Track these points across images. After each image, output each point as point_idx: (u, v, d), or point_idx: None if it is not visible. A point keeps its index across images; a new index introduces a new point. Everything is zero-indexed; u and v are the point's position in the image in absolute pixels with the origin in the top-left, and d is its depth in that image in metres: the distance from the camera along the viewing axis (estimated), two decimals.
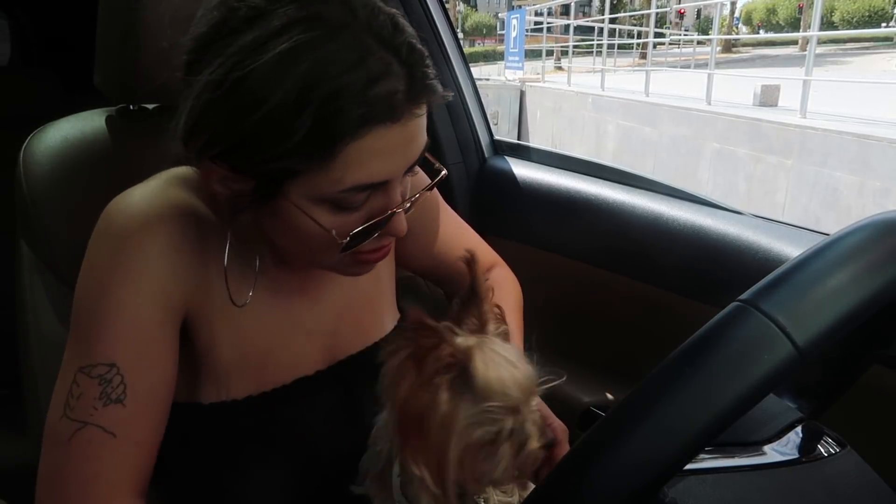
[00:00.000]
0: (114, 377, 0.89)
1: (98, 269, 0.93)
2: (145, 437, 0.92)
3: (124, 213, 0.94)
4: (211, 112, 0.82)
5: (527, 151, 1.96)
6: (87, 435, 0.88)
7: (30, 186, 1.16)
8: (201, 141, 0.84)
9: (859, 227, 0.69)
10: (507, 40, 17.93)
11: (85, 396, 0.88)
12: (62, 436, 0.89)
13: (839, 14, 31.13)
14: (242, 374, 1.01)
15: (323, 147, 0.80)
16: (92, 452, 0.88)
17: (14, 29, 3.11)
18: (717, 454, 0.82)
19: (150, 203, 0.95)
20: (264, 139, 0.80)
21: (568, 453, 0.63)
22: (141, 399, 0.90)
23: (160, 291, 0.92)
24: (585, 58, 21.89)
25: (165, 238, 0.93)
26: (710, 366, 0.60)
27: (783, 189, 7.99)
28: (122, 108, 1.28)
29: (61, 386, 0.91)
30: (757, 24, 47.41)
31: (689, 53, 24.39)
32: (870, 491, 0.82)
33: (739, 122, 8.79)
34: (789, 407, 0.94)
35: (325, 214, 0.87)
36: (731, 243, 1.40)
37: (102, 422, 0.88)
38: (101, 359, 0.89)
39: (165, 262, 0.93)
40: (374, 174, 0.85)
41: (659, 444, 0.58)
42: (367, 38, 0.80)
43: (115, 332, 0.90)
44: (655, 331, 1.48)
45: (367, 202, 0.88)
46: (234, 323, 1.00)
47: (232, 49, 0.79)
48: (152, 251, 0.92)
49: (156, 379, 0.92)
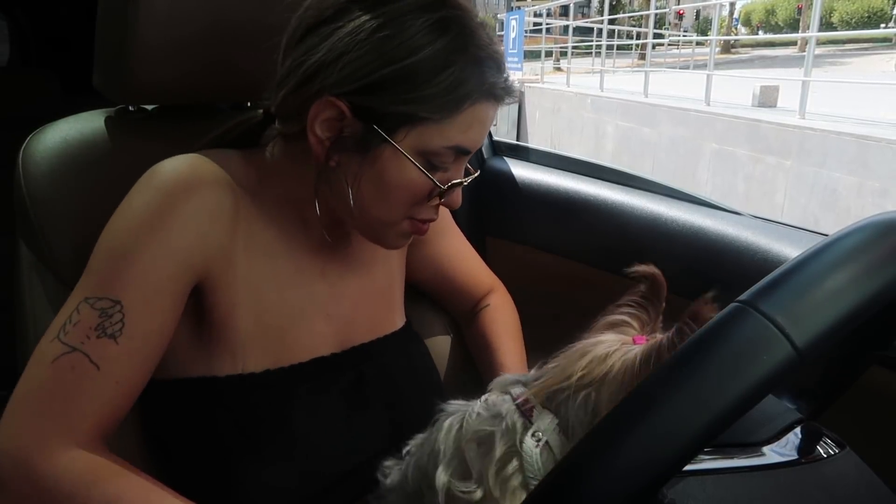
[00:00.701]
0: (115, 313, 0.91)
1: (132, 214, 0.97)
2: (126, 379, 0.93)
3: (174, 171, 0.99)
4: (357, 51, 0.93)
5: (526, 152, 1.96)
6: (73, 360, 0.90)
7: (29, 187, 1.15)
8: (335, 76, 0.94)
9: (858, 228, 0.69)
10: (505, 41, 17.90)
11: (82, 324, 0.91)
12: (48, 355, 0.90)
13: (838, 15, 31.14)
14: (260, 347, 1.04)
15: (452, 102, 0.95)
16: (72, 378, 0.89)
17: (13, 30, 3.12)
18: (716, 455, 0.82)
19: (197, 167, 1.01)
20: (407, 83, 0.93)
21: (567, 454, 0.63)
22: (134, 342, 0.92)
23: (184, 248, 0.96)
24: (584, 59, 21.91)
25: (203, 201, 0.98)
26: (708, 366, 0.60)
27: (782, 190, 7.99)
28: (121, 109, 1.28)
29: (62, 313, 0.93)
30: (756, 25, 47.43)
31: (688, 54, 24.44)
32: (869, 492, 0.82)
33: (738, 123, 8.79)
34: (788, 408, 0.94)
35: (410, 182, 0.99)
36: (729, 244, 1.40)
37: (91, 352, 0.90)
38: (108, 293, 0.92)
39: (197, 223, 0.97)
40: (471, 140, 1.00)
41: (658, 445, 0.58)
42: (486, 30, 0.99)
43: (130, 273, 0.93)
44: None
45: (450, 167, 1.01)
46: (255, 296, 1.04)
47: (384, 9, 0.93)
48: (188, 210, 0.97)
49: (154, 327, 0.95)
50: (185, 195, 0.97)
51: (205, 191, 0.99)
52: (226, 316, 1.02)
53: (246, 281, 1.03)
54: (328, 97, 0.96)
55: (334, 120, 0.97)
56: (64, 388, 0.89)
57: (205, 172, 1.01)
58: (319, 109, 0.97)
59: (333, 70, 0.94)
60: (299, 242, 1.11)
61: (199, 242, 0.98)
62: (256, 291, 1.04)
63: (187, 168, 1.00)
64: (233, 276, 1.02)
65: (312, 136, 0.99)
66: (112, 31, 1.16)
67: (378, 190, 1.00)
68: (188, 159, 1.02)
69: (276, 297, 1.07)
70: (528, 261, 1.75)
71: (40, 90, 2.79)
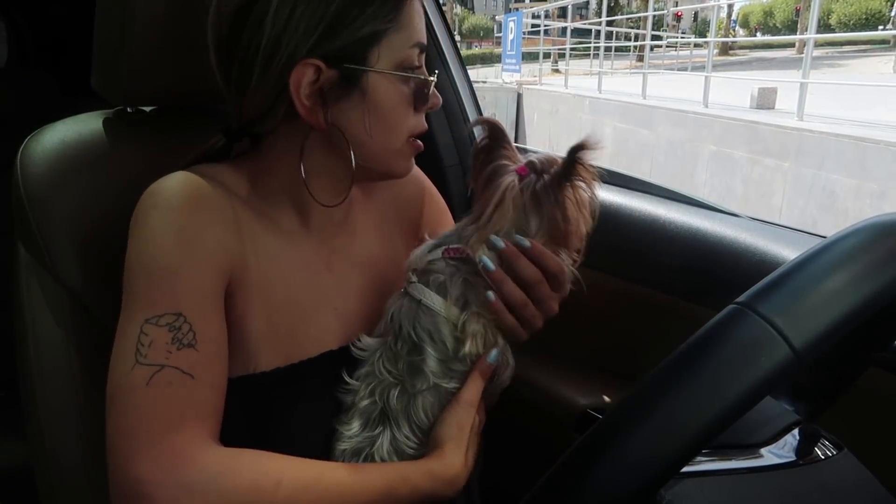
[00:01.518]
0: (182, 324, 0.92)
1: (161, 232, 0.96)
2: (218, 381, 0.96)
3: (178, 187, 1.00)
4: (303, 4, 0.97)
5: (524, 154, 1.96)
6: (167, 377, 0.89)
7: (27, 189, 1.15)
8: (297, 37, 0.98)
9: (856, 230, 0.70)
10: (504, 43, 17.92)
11: (157, 343, 0.90)
12: (138, 381, 0.88)
13: (836, 17, 31.18)
14: (271, 347, 1.05)
15: (396, 4, 1.01)
16: (174, 393, 0.89)
17: (11, 31, 3.11)
18: (714, 457, 0.82)
19: (191, 184, 1.01)
20: (356, 7, 0.98)
21: (565, 456, 0.63)
22: (209, 346, 0.94)
23: (216, 254, 0.98)
24: (582, 60, 21.94)
25: (213, 212, 1.00)
26: (707, 368, 0.60)
27: (780, 192, 8.00)
28: (120, 110, 1.28)
29: (125, 342, 0.91)
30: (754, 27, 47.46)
31: (686, 56, 24.44)
32: (867, 493, 0.82)
33: (736, 125, 8.80)
34: (786, 409, 0.95)
35: (400, 101, 1.05)
36: (727, 246, 1.40)
37: (180, 363, 0.90)
38: (167, 309, 0.92)
39: (215, 232, 0.99)
40: (421, 32, 1.07)
41: (656, 447, 0.58)
42: None
43: (177, 285, 0.94)
44: (652, 333, 1.48)
45: (418, 67, 1.07)
46: (266, 297, 1.05)
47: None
48: (205, 221, 0.99)
49: (217, 330, 0.97)
50: (197, 208, 0.99)
51: (210, 202, 1.01)
52: (241, 318, 1.03)
53: (258, 284, 1.05)
54: (303, 61, 0.99)
55: (314, 81, 1.00)
56: (171, 405, 0.89)
57: (201, 185, 1.02)
58: (299, 77, 0.99)
59: (293, 33, 0.97)
60: (302, 240, 1.12)
61: (221, 248, 0.99)
62: (266, 293, 1.06)
63: (187, 183, 1.01)
64: (248, 280, 1.03)
65: (303, 108, 1.01)
66: (110, 32, 1.16)
67: (379, 119, 1.05)
68: (183, 176, 1.03)
69: (284, 297, 1.08)
70: None
71: (38, 91, 2.79)
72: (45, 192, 1.16)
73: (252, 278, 1.04)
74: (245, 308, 1.03)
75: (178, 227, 0.97)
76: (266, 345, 1.04)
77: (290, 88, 0.99)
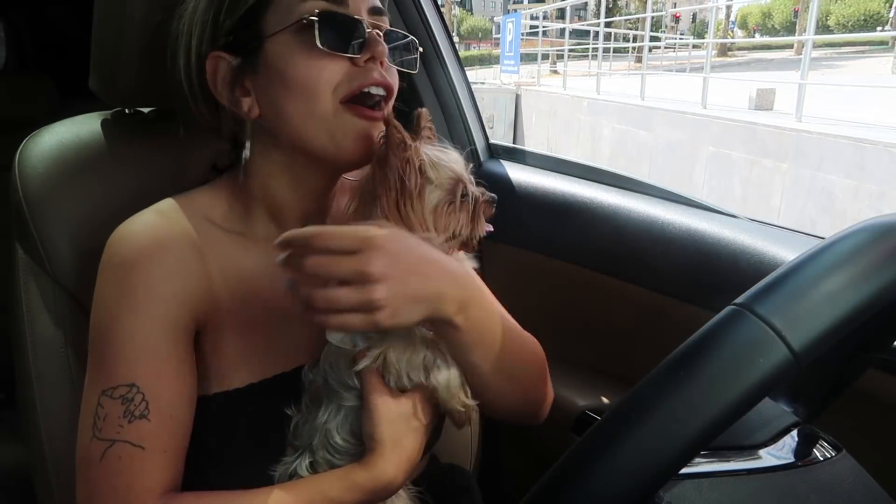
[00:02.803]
0: (135, 395, 0.94)
1: (107, 299, 0.99)
2: (172, 445, 0.98)
3: (127, 244, 1.01)
4: (198, 13, 1.02)
5: (522, 155, 1.96)
6: (118, 451, 0.93)
7: (25, 190, 1.15)
8: (195, 40, 1.02)
9: (854, 231, 0.70)
10: (502, 44, 17.92)
11: (110, 416, 0.94)
12: (94, 455, 0.94)
13: (834, 18, 31.21)
14: (245, 363, 1.06)
15: None
16: (124, 466, 0.93)
17: (9, 33, 3.11)
18: (713, 458, 0.82)
19: (149, 233, 1.02)
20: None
21: (564, 457, 0.63)
22: (163, 412, 0.95)
23: (167, 314, 0.98)
24: (581, 61, 21.98)
25: (166, 265, 1.00)
26: (705, 369, 0.60)
27: (779, 192, 8.00)
28: (118, 111, 1.28)
29: (86, 410, 0.96)
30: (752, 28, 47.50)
31: (684, 57, 24.47)
32: (865, 494, 0.82)
33: (735, 126, 8.80)
34: (785, 411, 0.94)
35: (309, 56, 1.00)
36: (726, 247, 1.40)
37: (130, 437, 0.94)
38: (120, 380, 0.95)
39: (169, 287, 0.99)
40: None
41: (654, 448, 0.58)
42: None
43: (130, 354, 0.96)
44: (651, 334, 1.48)
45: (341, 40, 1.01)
46: (239, 321, 1.06)
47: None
48: (155, 278, 0.98)
49: (174, 392, 0.98)
50: (147, 265, 0.99)
51: (165, 255, 1.00)
52: (213, 347, 1.04)
53: (230, 311, 1.05)
54: (210, 54, 1.02)
55: (226, 71, 1.03)
56: (121, 477, 0.93)
57: (160, 236, 1.02)
58: (211, 71, 1.03)
59: (193, 33, 1.02)
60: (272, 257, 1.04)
61: (178, 304, 0.99)
62: (240, 317, 1.06)
63: (143, 235, 1.01)
64: (219, 314, 1.04)
65: (227, 101, 1.04)
66: (108, 33, 1.16)
67: (290, 84, 1.01)
68: (143, 223, 1.03)
69: (257, 316, 1.08)
70: (524, 263, 1.75)
71: (36, 93, 2.79)
72: (43, 194, 1.16)
73: (223, 308, 1.04)
74: (216, 338, 1.04)
75: (130, 289, 0.98)
76: (240, 363, 1.06)
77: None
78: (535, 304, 1.50)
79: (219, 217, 1.09)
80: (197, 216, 1.06)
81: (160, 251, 1.00)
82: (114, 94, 1.21)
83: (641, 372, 0.63)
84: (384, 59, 1.04)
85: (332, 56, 1.00)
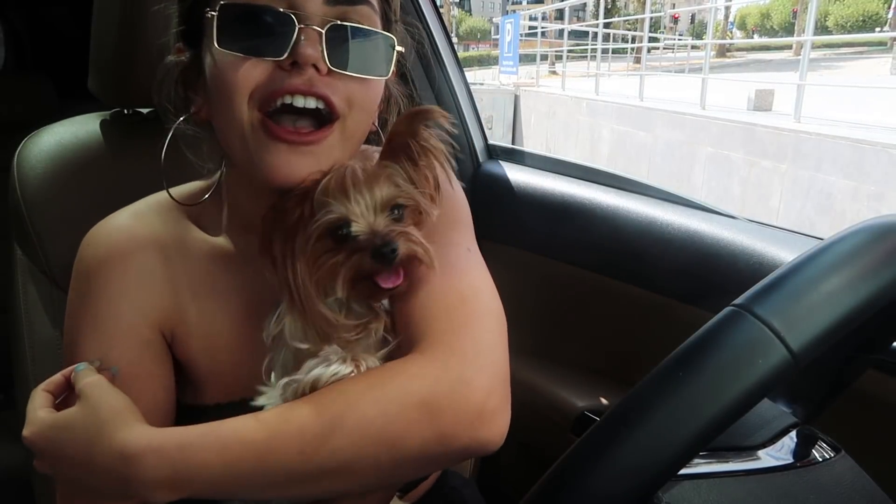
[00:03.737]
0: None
1: (71, 308, 0.99)
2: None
3: (91, 252, 1.00)
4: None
5: (521, 156, 1.97)
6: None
7: (23, 191, 1.15)
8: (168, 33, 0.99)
9: (853, 232, 0.70)
10: (501, 45, 17.93)
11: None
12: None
13: (833, 19, 31.21)
14: (216, 382, 1.03)
15: None
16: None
17: (8, 34, 3.11)
18: (712, 459, 0.82)
19: (113, 240, 1.00)
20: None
21: (563, 458, 0.63)
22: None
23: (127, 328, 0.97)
24: (580, 62, 21.96)
25: (126, 277, 0.98)
26: (704, 370, 0.60)
27: (777, 193, 8.00)
28: (117, 112, 1.28)
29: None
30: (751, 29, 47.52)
31: (683, 58, 24.46)
32: (864, 495, 0.82)
33: (733, 127, 8.80)
34: (783, 412, 0.94)
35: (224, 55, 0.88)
36: (725, 248, 1.40)
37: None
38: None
39: (126, 300, 0.97)
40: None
41: (653, 449, 0.58)
42: None
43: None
44: (650, 335, 1.48)
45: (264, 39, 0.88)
46: (208, 338, 1.03)
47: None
48: (113, 291, 0.97)
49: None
50: (107, 274, 0.97)
51: (126, 265, 0.98)
52: (184, 358, 1.03)
53: (198, 326, 1.02)
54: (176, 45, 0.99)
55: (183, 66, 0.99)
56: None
57: (123, 242, 0.99)
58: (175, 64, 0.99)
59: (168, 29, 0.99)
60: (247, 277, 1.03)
61: (139, 314, 0.98)
62: (209, 333, 1.03)
63: (106, 242, 0.99)
64: (185, 326, 1.02)
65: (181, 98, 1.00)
66: (108, 34, 1.16)
67: (212, 90, 0.93)
68: (112, 227, 1.01)
69: (228, 336, 1.03)
70: (523, 264, 1.75)
71: (35, 94, 2.78)
72: (41, 194, 1.16)
73: (192, 321, 1.02)
74: (187, 349, 1.02)
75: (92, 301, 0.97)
76: (211, 380, 1.04)
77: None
78: (533, 305, 1.50)
79: (203, 219, 1.06)
80: (177, 217, 1.04)
81: (121, 261, 0.98)
82: (112, 95, 1.21)
83: (640, 373, 0.64)
84: (319, 63, 0.88)
85: (246, 58, 0.88)
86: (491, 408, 0.85)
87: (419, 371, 0.85)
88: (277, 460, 0.80)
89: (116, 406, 0.83)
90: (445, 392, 0.83)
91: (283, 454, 0.80)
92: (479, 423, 0.84)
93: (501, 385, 0.88)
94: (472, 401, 0.83)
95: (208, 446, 0.80)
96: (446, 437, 0.83)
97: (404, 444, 0.82)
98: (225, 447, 0.80)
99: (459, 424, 0.83)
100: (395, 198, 0.88)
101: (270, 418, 0.82)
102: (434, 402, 0.82)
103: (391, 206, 0.88)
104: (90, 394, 0.84)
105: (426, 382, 0.83)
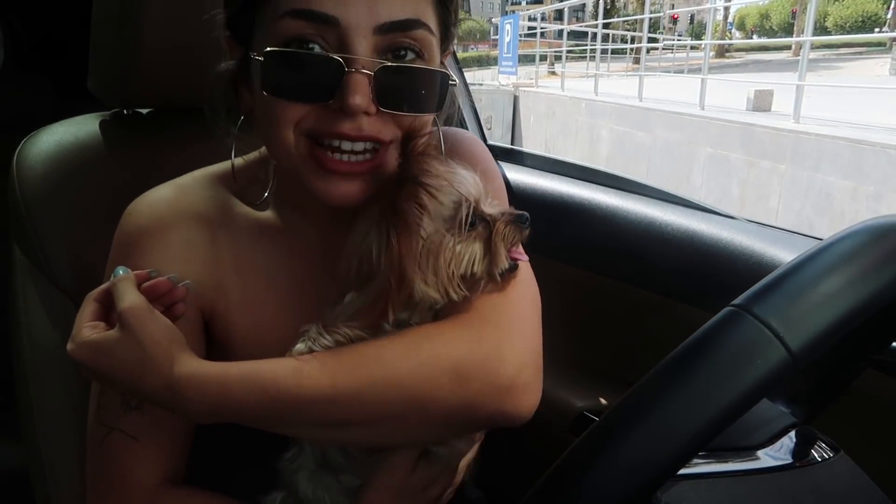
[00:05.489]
0: None
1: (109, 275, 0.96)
2: (168, 439, 0.97)
3: (133, 222, 0.99)
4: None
5: (520, 156, 1.97)
6: (115, 439, 0.93)
7: (23, 191, 1.15)
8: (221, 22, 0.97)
9: (852, 232, 0.70)
10: (500, 45, 17.93)
11: (110, 402, 0.94)
12: (96, 438, 0.95)
13: (832, 19, 31.24)
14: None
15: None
16: (118, 455, 0.94)
17: (7, 34, 3.10)
18: (711, 459, 0.82)
19: (155, 211, 0.99)
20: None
21: (562, 458, 0.63)
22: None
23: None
24: (579, 63, 21.96)
25: (166, 250, 0.97)
26: (703, 370, 0.60)
27: (776, 194, 8.00)
28: (116, 112, 1.28)
29: (93, 392, 0.97)
30: (750, 29, 47.56)
31: (682, 58, 24.47)
32: (863, 495, 0.82)
33: (733, 127, 8.80)
34: (783, 412, 0.94)
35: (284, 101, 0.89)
36: (724, 248, 1.40)
37: (125, 427, 0.93)
38: None
39: (172, 268, 0.94)
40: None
41: (652, 449, 0.58)
42: None
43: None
44: (649, 335, 1.48)
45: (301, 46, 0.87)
46: (252, 318, 1.02)
47: None
48: (153, 263, 0.94)
49: None
50: (148, 246, 0.97)
51: (166, 237, 0.98)
52: (223, 337, 1.02)
53: (240, 305, 1.01)
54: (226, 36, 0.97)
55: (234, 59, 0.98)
56: (115, 465, 0.94)
57: (165, 214, 0.99)
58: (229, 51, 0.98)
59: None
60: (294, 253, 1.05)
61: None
62: (253, 314, 1.02)
63: (149, 213, 0.99)
64: (225, 303, 1.01)
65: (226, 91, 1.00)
66: (107, 34, 1.16)
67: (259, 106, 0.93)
68: (155, 198, 1.01)
69: (273, 317, 1.02)
70: None
71: (35, 94, 2.79)
72: (41, 194, 1.16)
73: (233, 300, 1.01)
74: (227, 331, 1.02)
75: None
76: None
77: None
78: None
79: (249, 194, 1.05)
80: (223, 192, 1.03)
81: (162, 232, 0.97)
82: (112, 95, 1.21)
83: (640, 373, 0.64)
84: (369, 108, 0.87)
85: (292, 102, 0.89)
86: (522, 382, 0.88)
87: (454, 336, 0.88)
88: (310, 408, 0.84)
89: (159, 338, 0.84)
90: (478, 361, 0.86)
91: (315, 403, 0.84)
92: (507, 396, 0.87)
93: (534, 360, 0.91)
94: (503, 374, 0.86)
95: (247, 387, 0.84)
96: (473, 406, 0.86)
97: (432, 406, 0.85)
98: (263, 391, 0.84)
99: (487, 395, 0.86)
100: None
101: (307, 367, 0.85)
102: (464, 370, 0.85)
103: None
104: (132, 324, 0.83)
105: (461, 349, 0.86)
